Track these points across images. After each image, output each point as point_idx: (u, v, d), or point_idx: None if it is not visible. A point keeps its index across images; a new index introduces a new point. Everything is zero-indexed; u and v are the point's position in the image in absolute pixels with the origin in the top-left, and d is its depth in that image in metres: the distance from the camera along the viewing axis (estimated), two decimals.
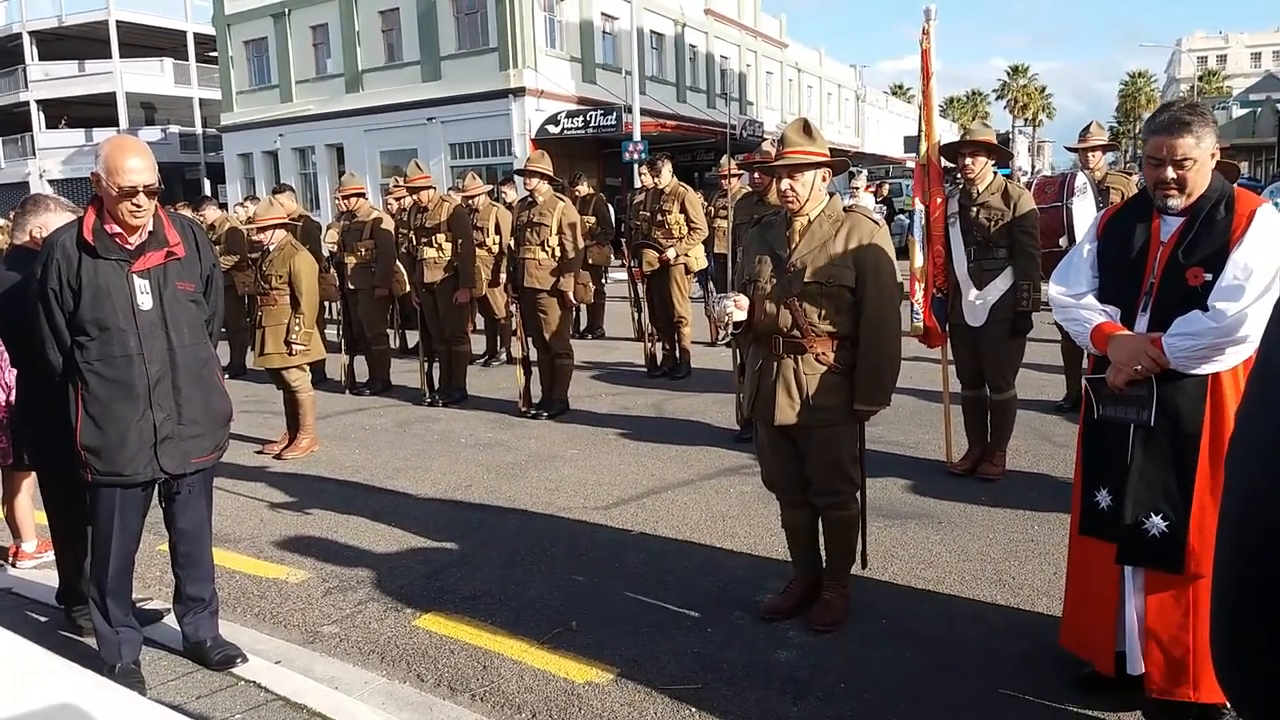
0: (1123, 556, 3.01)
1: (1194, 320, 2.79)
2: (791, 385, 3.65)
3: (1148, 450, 2.93)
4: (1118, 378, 2.91)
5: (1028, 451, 6.11)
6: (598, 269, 11.58)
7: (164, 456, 3.40)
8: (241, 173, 32.92)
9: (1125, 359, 2.89)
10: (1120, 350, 2.91)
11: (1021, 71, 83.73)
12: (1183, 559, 2.87)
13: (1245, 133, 41.84)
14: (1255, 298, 2.71)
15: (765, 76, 41.29)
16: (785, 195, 3.68)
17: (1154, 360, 2.84)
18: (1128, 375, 2.89)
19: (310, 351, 6.89)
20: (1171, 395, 2.87)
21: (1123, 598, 3.03)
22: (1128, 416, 2.95)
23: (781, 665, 3.54)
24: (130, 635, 3.54)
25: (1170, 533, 2.89)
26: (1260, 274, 2.74)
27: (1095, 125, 7.34)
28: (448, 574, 4.56)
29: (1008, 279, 5.46)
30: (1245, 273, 2.76)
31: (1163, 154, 2.89)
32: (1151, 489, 2.92)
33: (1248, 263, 2.76)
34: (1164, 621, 2.94)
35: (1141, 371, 2.86)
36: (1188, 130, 2.85)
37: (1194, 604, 2.87)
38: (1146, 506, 2.93)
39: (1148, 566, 2.97)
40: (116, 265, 3.34)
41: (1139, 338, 2.91)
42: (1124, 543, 2.99)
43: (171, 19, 39.72)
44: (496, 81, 26.22)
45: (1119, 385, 2.92)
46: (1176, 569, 2.89)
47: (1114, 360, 2.93)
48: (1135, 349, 2.88)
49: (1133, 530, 2.95)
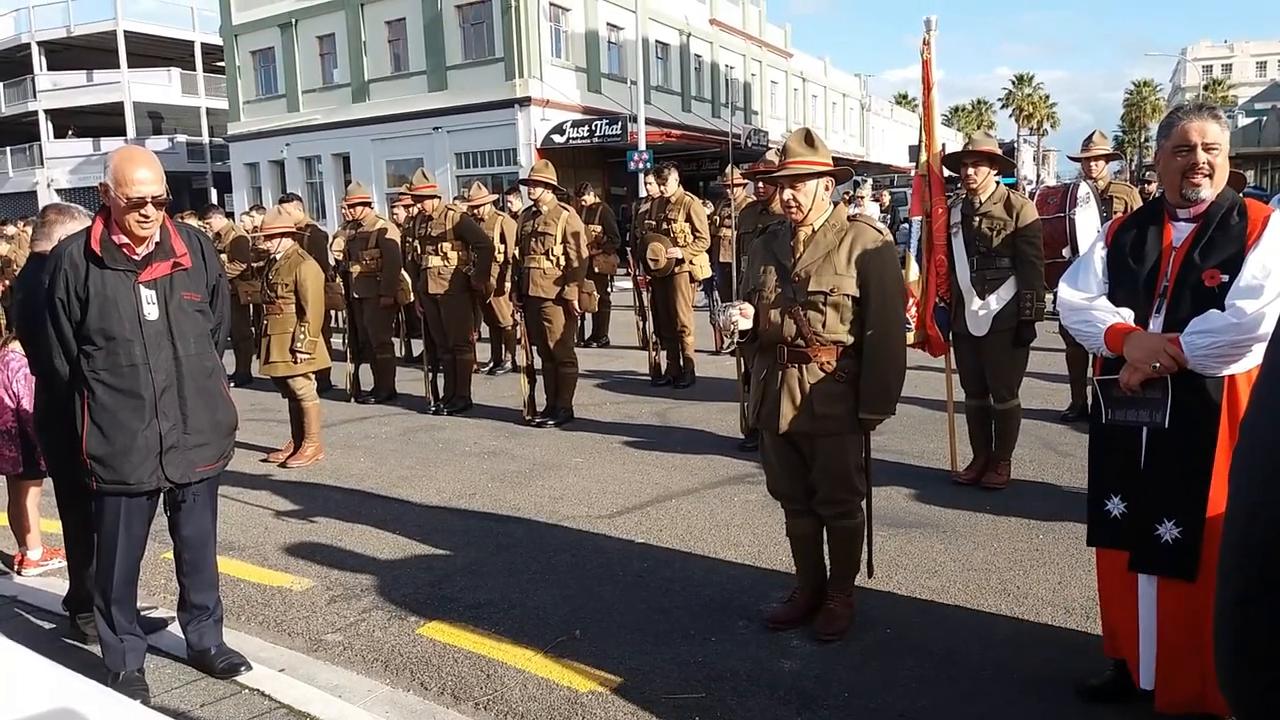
0: (1135, 564, 2.97)
1: (1213, 318, 2.76)
2: (796, 394, 3.65)
3: (1162, 454, 2.88)
4: (1134, 377, 2.85)
5: (1032, 461, 6.10)
6: (603, 278, 11.60)
7: (169, 466, 3.41)
8: (248, 182, 33.06)
9: (1142, 357, 2.83)
10: (1137, 348, 2.86)
11: (1026, 81, 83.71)
12: (1196, 566, 2.82)
13: (1251, 142, 41.77)
14: (1275, 296, 2.71)
15: (770, 86, 41.37)
16: (788, 205, 3.69)
17: (1173, 358, 2.78)
18: (1144, 374, 2.83)
19: (315, 360, 6.91)
20: (1187, 398, 2.82)
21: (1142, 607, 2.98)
22: (1140, 419, 2.91)
23: (786, 675, 3.54)
24: (134, 643, 3.54)
25: (1183, 539, 2.84)
26: (1278, 274, 2.74)
27: (1098, 134, 7.32)
28: (452, 582, 4.56)
29: (1011, 288, 5.46)
30: (1264, 272, 2.76)
31: (1193, 139, 2.89)
32: (1164, 494, 2.88)
33: (1266, 263, 2.77)
34: (1176, 631, 2.89)
35: (1159, 370, 2.81)
36: (1216, 117, 2.91)
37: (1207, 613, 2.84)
38: (1159, 512, 2.89)
39: (1160, 574, 2.92)
40: (123, 275, 3.36)
41: (1156, 336, 2.87)
42: (1136, 550, 2.95)
43: (179, 29, 39.93)
44: (502, 91, 26.33)
45: (1134, 385, 2.86)
46: (1189, 577, 2.83)
47: (1130, 359, 2.87)
48: (1153, 347, 2.82)
49: (1144, 536, 2.91)
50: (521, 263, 7.86)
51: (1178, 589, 2.88)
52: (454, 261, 8.30)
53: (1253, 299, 2.73)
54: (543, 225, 7.69)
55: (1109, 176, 7.27)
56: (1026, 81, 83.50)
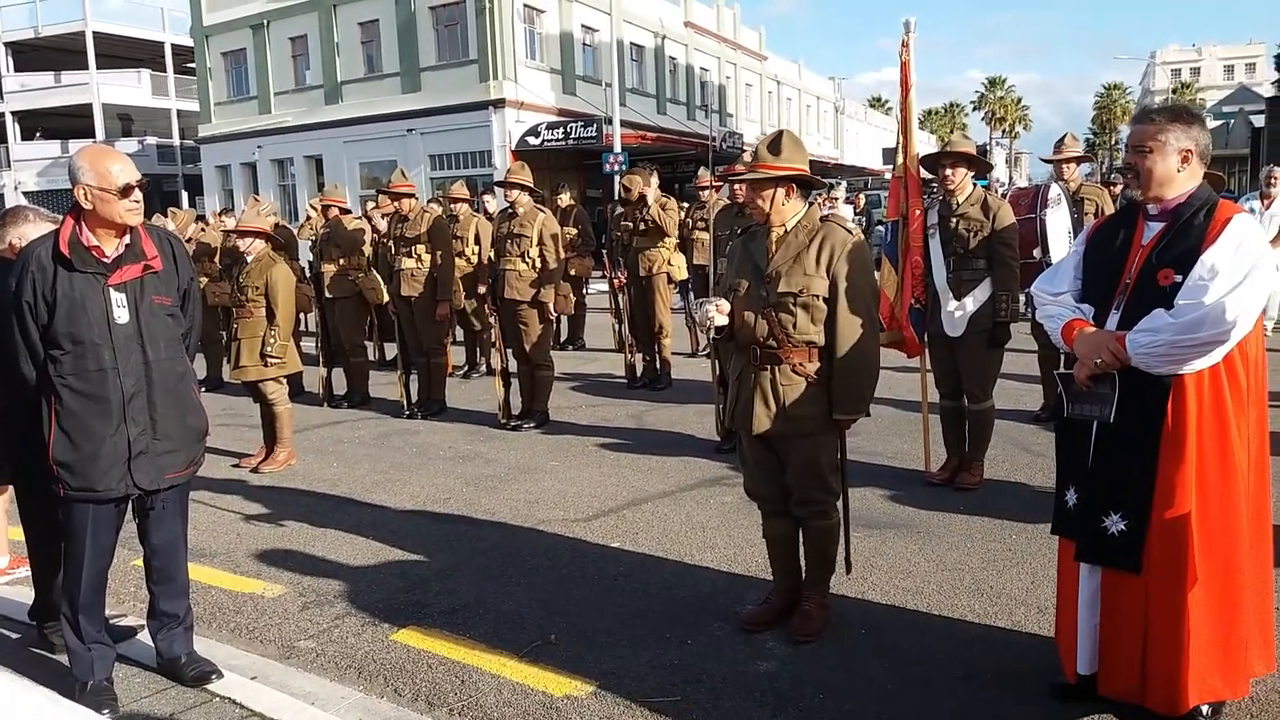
0: (1081, 554, 3.05)
1: (1155, 318, 2.82)
2: (769, 395, 3.67)
3: (1108, 448, 2.97)
4: (1080, 372, 2.98)
5: (1005, 461, 6.14)
6: (579, 280, 11.59)
7: (138, 472, 3.36)
8: (219, 184, 32.77)
9: (1087, 353, 2.95)
10: (1083, 344, 2.98)
11: (999, 84, 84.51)
12: (1140, 559, 2.90)
13: (1219, 144, 42.25)
14: (1217, 298, 2.73)
15: (745, 89, 41.50)
16: (749, 208, 3.77)
17: (1114, 355, 2.88)
18: (1089, 369, 2.95)
19: (286, 364, 6.84)
20: (1134, 395, 2.90)
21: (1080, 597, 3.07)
22: (1091, 414, 3.00)
23: (761, 676, 3.54)
24: (103, 652, 3.49)
25: (1129, 532, 2.92)
26: (1225, 276, 2.75)
27: (1070, 136, 7.39)
28: (426, 588, 4.53)
29: (986, 290, 5.51)
30: (1211, 273, 2.78)
31: (1129, 142, 3.05)
32: (1111, 487, 2.96)
33: (1215, 264, 2.79)
34: (1119, 622, 2.97)
35: (1102, 366, 2.91)
36: (1150, 120, 2.98)
37: (1149, 607, 2.90)
38: (1106, 505, 2.97)
39: (1105, 565, 3.00)
40: (92, 278, 3.31)
41: (1103, 333, 2.96)
42: (1083, 540, 3.03)
43: (149, 30, 39.52)
44: (476, 93, 26.26)
45: (1082, 380, 2.98)
46: (1134, 569, 2.92)
47: (1078, 354, 3.00)
48: (1098, 344, 2.93)
49: (1092, 528, 2.99)
50: (497, 265, 7.83)
51: (1122, 582, 2.96)
52: (428, 264, 8.25)
53: (1193, 300, 2.77)
54: (518, 227, 7.67)
55: (1080, 178, 7.34)
56: (999, 84, 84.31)
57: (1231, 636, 2.88)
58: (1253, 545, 2.96)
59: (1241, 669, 2.93)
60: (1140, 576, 2.90)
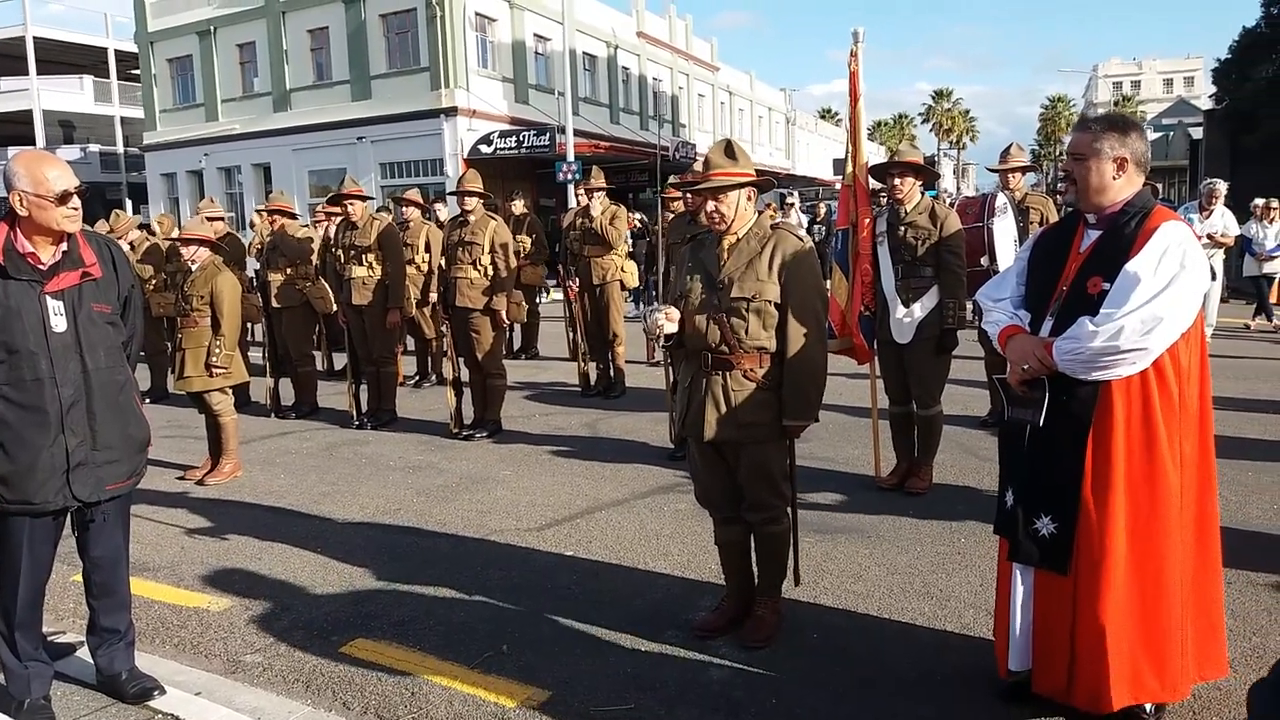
0: (1013, 554, 3.12)
1: (1080, 325, 2.87)
2: (720, 401, 3.67)
3: (1039, 452, 3.03)
4: (1011, 376, 3.07)
5: (953, 466, 6.22)
6: (531, 289, 11.54)
7: (77, 483, 3.28)
8: (165, 193, 32.16)
9: (1017, 358, 3.03)
10: (1014, 350, 3.06)
11: (946, 95, 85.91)
12: (1068, 561, 2.96)
13: (1159, 156, 43.26)
14: (1136, 307, 2.78)
15: (697, 99, 41.70)
16: (711, 217, 3.72)
17: (1040, 361, 2.95)
18: (1018, 374, 3.02)
19: (232, 374, 6.72)
20: (1063, 400, 2.96)
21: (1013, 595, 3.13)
22: (1025, 417, 3.07)
23: (714, 683, 3.54)
24: (40, 669, 3.40)
25: (1058, 534, 2.98)
26: (1146, 285, 2.80)
27: (1015, 147, 7.53)
28: (375, 599, 4.47)
29: (934, 297, 5.58)
30: (1133, 282, 2.82)
31: (1069, 149, 3.13)
32: (1042, 490, 3.03)
33: (1137, 272, 2.83)
34: (1049, 623, 3.03)
35: (1029, 371, 2.98)
36: (1087, 128, 3.05)
37: (1077, 608, 2.95)
38: (1037, 507, 3.03)
39: (1035, 566, 3.06)
40: (28, 286, 3.23)
41: (1032, 340, 3.03)
42: (1015, 541, 3.09)
43: (92, 36, 38.79)
44: (428, 101, 26.07)
45: (1014, 384, 3.06)
46: (1061, 570, 2.98)
47: (1009, 359, 3.08)
48: (1026, 349, 3.01)
49: (1024, 529, 3.06)
50: (448, 273, 7.77)
51: (1052, 583, 3.02)
52: (379, 272, 8.16)
53: (1115, 308, 2.82)
54: (470, 235, 7.62)
55: (1025, 188, 7.47)
56: (946, 96, 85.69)
57: (1164, 638, 2.92)
58: (1198, 550, 3.01)
59: (1179, 671, 2.96)
60: (1068, 578, 2.97)
